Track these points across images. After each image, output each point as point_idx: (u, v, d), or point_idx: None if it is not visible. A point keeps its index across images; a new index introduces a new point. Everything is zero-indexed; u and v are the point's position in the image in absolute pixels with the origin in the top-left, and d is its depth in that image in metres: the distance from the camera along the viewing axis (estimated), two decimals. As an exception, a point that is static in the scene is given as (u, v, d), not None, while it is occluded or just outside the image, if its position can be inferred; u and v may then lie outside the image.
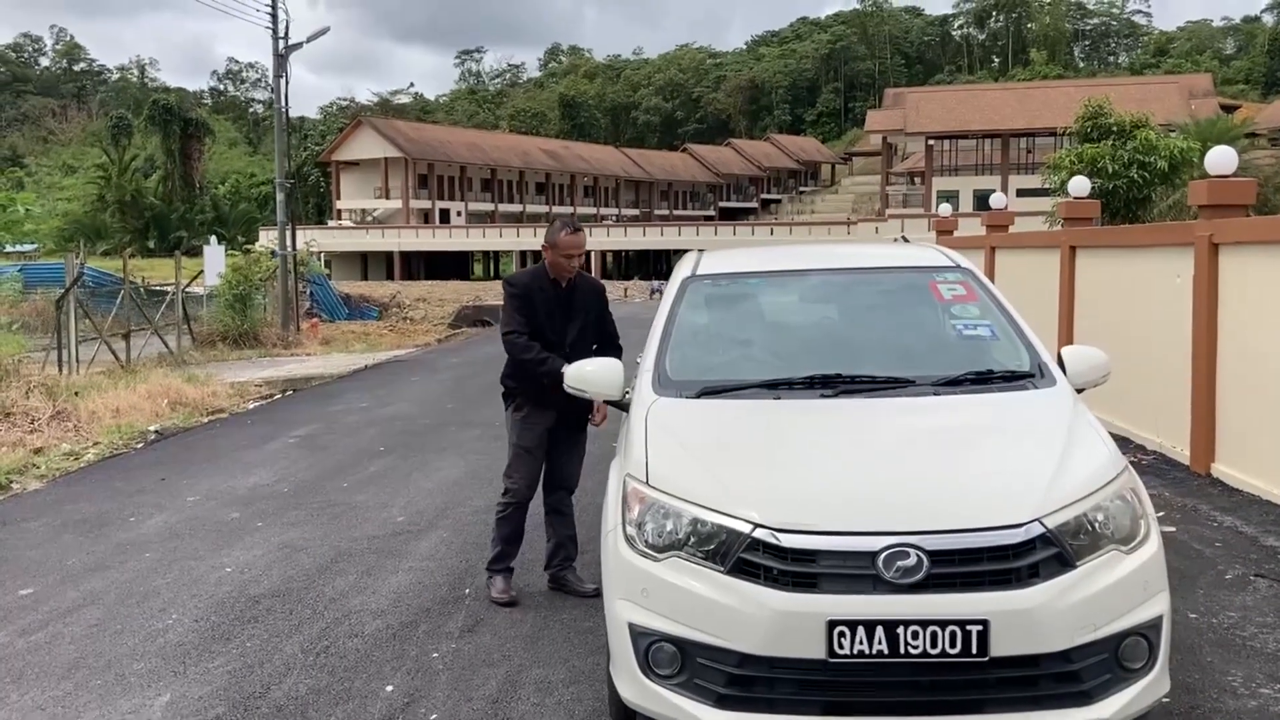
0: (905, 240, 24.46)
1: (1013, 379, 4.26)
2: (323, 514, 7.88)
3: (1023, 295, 13.45)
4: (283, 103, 25.77)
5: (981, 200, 61.45)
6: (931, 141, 66.19)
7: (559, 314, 5.60)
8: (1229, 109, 73.50)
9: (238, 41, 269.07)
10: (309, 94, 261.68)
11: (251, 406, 14.08)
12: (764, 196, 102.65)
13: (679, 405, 4.19)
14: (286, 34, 25.52)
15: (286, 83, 25.68)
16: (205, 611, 5.73)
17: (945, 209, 19.69)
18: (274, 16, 25.30)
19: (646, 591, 3.56)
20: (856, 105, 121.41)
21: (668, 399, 4.24)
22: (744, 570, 3.42)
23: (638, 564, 3.62)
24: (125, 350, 19.11)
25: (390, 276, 66.18)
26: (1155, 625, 3.48)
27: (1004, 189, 62.80)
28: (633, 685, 3.60)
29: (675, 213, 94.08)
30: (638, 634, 3.57)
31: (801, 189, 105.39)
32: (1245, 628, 5.05)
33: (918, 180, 72.98)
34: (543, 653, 4.97)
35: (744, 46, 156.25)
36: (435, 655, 5.01)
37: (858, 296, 4.97)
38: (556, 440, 5.73)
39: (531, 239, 69.77)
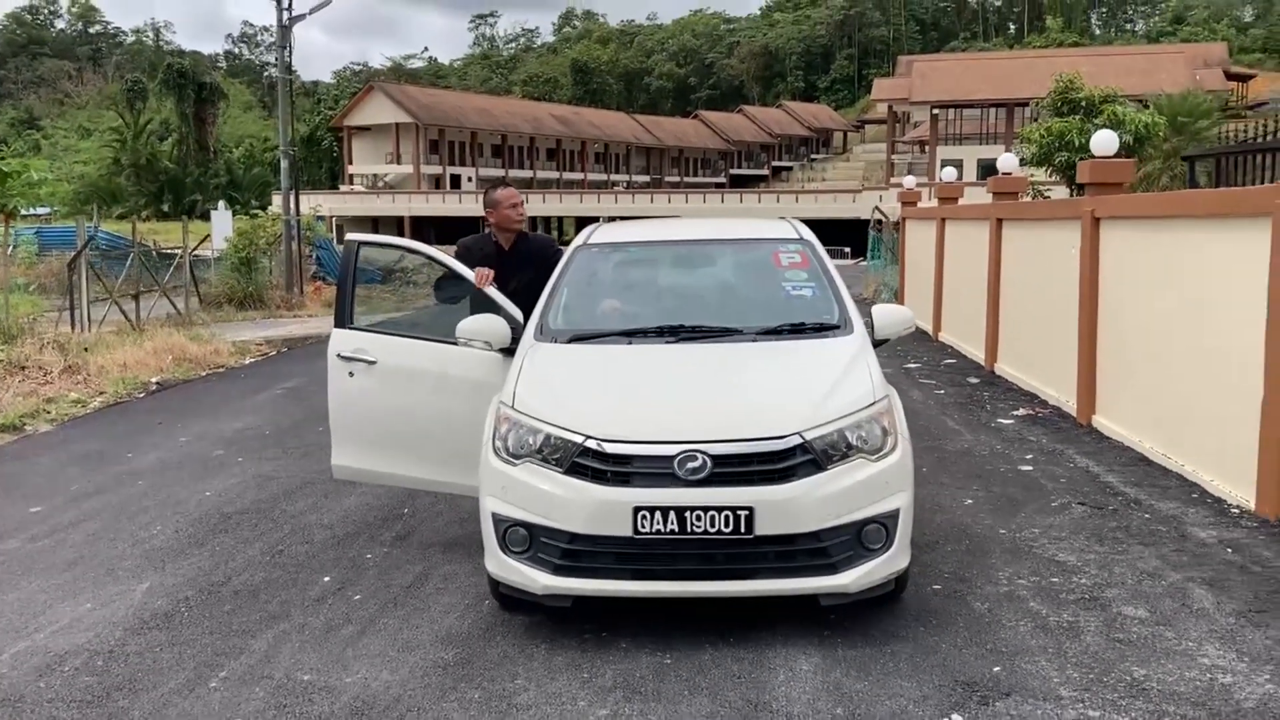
0: (881, 213, 24.91)
1: (821, 329, 5.29)
2: (297, 452, 8.96)
3: (965, 263, 14.40)
4: (287, 73, 26.74)
5: (986, 169, 61.96)
6: (936, 111, 66.57)
7: (499, 271, 6.20)
8: (1243, 78, 73.52)
9: (251, 4, 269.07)
10: (323, 58, 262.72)
11: (248, 362, 15.19)
12: (775, 164, 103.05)
13: (550, 349, 5.24)
14: (290, 4, 26.38)
15: (290, 54, 26.65)
16: (185, 525, 6.82)
17: (909, 181, 20.56)
18: (278, -13, 26.14)
19: (505, 488, 4.63)
20: (870, 72, 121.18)
21: (544, 344, 5.29)
22: (577, 471, 4.49)
23: (500, 468, 4.68)
24: (135, 310, 20.21)
25: (400, 242, 66.88)
26: (893, 516, 4.53)
27: (1006, 158, 63.38)
28: (494, 560, 4.69)
29: (686, 179, 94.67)
30: (498, 520, 4.64)
31: (813, 156, 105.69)
32: (1040, 540, 6.06)
33: (925, 148, 73.39)
34: (456, 555, 6.02)
35: (758, 12, 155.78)
36: (369, 556, 6.09)
37: (714, 263, 6.06)
38: None
39: (541, 205, 70.19)
